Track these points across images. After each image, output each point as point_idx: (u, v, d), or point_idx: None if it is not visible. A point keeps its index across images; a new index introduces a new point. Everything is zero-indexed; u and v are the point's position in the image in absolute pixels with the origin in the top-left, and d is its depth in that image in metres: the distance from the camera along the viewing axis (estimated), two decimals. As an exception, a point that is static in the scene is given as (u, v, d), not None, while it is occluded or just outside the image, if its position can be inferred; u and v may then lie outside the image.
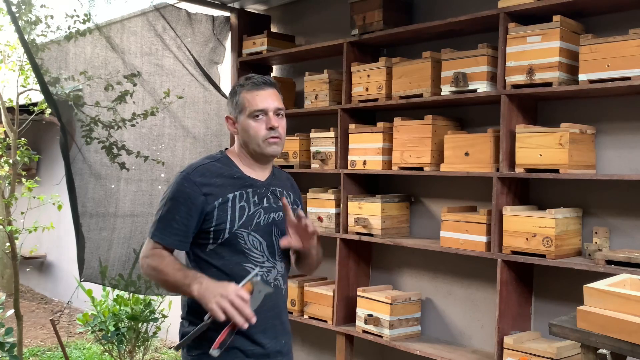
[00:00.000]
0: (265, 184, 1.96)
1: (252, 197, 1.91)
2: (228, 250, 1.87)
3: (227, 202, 1.86)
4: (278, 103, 1.94)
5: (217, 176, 1.90)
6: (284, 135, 1.96)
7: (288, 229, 1.95)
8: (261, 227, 1.90)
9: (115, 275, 3.58)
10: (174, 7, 3.79)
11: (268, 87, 1.94)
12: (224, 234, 1.86)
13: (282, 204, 1.95)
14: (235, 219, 1.87)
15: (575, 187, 2.75)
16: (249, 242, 1.88)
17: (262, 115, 1.91)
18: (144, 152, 3.61)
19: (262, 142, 1.91)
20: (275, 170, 2.07)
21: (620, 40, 2.38)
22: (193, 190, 1.85)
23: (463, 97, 2.88)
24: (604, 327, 1.67)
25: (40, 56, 3.26)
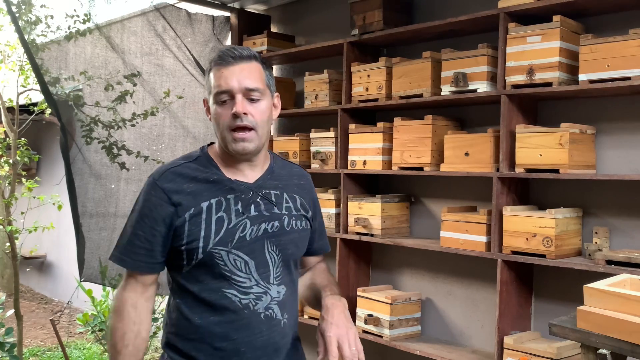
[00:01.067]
0: (253, 187, 1.57)
1: (234, 204, 1.53)
2: (205, 273, 1.52)
3: (200, 213, 1.50)
4: (250, 81, 1.50)
5: (189, 181, 1.54)
6: (262, 124, 1.52)
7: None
8: (247, 242, 1.51)
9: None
10: (174, 7, 3.79)
11: (239, 61, 1.51)
12: (197, 254, 1.49)
13: (278, 215, 1.56)
14: (211, 234, 1.49)
15: (575, 187, 2.75)
16: (229, 262, 1.50)
17: (227, 98, 1.50)
18: (144, 152, 3.61)
19: (226, 134, 1.51)
20: (276, 166, 1.67)
21: (620, 40, 2.38)
22: (160, 200, 1.51)
23: (463, 97, 2.88)
24: (604, 327, 1.67)
25: (40, 56, 3.26)
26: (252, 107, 1.51)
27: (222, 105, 1.51)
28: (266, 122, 1.55)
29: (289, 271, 1.62)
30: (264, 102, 1.54)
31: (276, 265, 1.57)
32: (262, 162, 1.63)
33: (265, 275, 1.54)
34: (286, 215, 1.60)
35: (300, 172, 1.76)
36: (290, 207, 1.63)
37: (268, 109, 1.56)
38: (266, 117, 1.55)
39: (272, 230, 1.56)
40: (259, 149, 1.56)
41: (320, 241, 1.81)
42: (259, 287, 1.53)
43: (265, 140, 1.58)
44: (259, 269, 1.53)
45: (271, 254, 1.56)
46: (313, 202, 1.72)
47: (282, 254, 1.57)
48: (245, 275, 1.52)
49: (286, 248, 1.58)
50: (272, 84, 1.60)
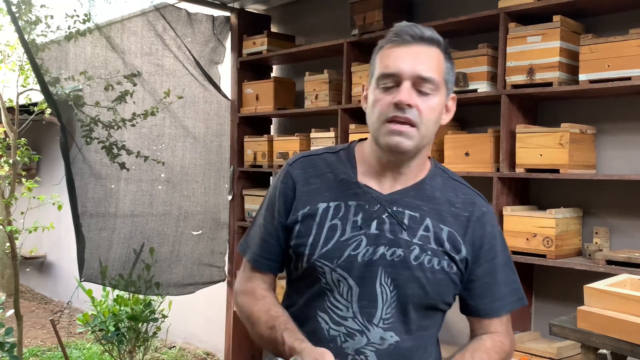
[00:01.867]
0: (385, 199, 1.27)
1: (354, 214, 1.25)
2: (307, 287, 1.28)
3: (314, 214, 1.26)
4: (426, 68, 1.21)
5: (318, 175, 1.31)
6: (427, 123, 1.22)
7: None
8: (357, 264, 1.22)
9: (115, 275, 3.58)
10: (174, 7, 3.79)
11: (418, 43, 1.23)
12: (302, 262, 1.27)
13: (406, 242, 1.23)
14: (319, 242, 1.24)
15: (575, 187, 2.74)
16: (331, 282, 1.23)
17: (392, 84, 1.22)
18: (144, 152, 3.60)
19: (379, 126, 1.24)
20: (431, 183, 1.32)
21: (620, 40, 2.38)
22: (287, 188, 1.32)
23: (463, 97, 2.87)
24: (604, 327, 1.67)
25: (40, 56, 3.26)
26: (421, 100, 1.21)
27: (384, 90, 1.23)
28: (433, 123, 1.25)
29: (407, 318, 1.24)
30: (436, 99, 1.24)
31: (387, 303, 1.22)
32: (413, 174, 1.30)
33: (368, 311, 1.22)
34: (417, 247, 1.24)
35: (469, 199, 1.33)
36: (429, 238, 1.25)
37: (439, 108, 1.25)
38: (435, 116, 1.25)
39: (392, 258, 1.23)
40: (416, 151, 1.26)
41: (485, 299, 1.33)
42: (355, 322, 1.22)
43: (426, 145, 1.28)
44: (361, 300, 1.22)
45: (383, 288, 1.23)
46: (479, 243, 1.30)
47: (398, 292, 1.23)
48: (345, 302, 1.23)
49: (405, 286, 1.23)
50: (451, 80, 1.29)
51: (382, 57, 1.26)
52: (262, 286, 1.34)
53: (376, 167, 1.30)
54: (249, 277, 1.36)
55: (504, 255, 1.35)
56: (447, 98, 1.29)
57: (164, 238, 3.77)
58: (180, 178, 3.83)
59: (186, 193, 3.85)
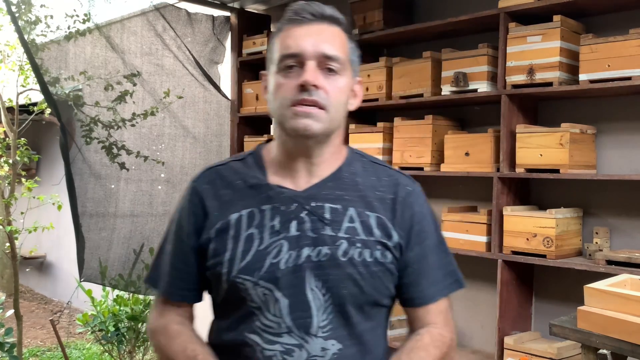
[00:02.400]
0: (299, 197, 1.15)
1: (270, 219, 1.13)
2: (233, 310, 1.15)
3: (227, 228, 1.14)
4: (330, 46, 1.12)
5: (227, 185, 1.19)
6: (336, 105, 1.13)
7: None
8: (281, 272, 1.10)
9: (115, 276, 3.58)
10: (174, 7, 3.79)
11: (319, 21, 1.14)
12: (221, 283, 1.14)
13: (331, 238, 1.12)
14: (236, 256, 1.12)
15: (575, 187, 2.74)
16: (257, 298, 1.11)
17: (295, 63, 1.12)
18: (144, 152, 3.60)
19: (285, 111, 1.12)
20: (350, 169, 1.21)
21: (620, 40, 2.38)
22: (194, 206, 1.19)
23: (463, 97, 2.87)
24: (604, 328, 1.67)
25: (40, 56, 3.26)
26: (328, 81, 1.11)
27: (286, 73, 1.12)
28: (342, 105, 1.15)
29: (348, 322, 1.13)
30: (343, 79, 1.14)
31: (322, 309, 1.11)
32: (327, 164, 1.19)
33: (303, 322, 1.10)
34: (345, 240, 1.12)
35: (393, 180, 1.22)
36: (356, 229, 1.14)
37: (347, 90, 1.16)
38: (343, 98, 1.15)
39: (318, 259, 1.11)
40: (326, 135, 1.14)
41: (417, 287, 1.20)
42: (291, 336, 1.10)
43: (336, 129, 1.17)
44: (293, 312, 1.10)
45: (315, 293, 1.11)
46: (410, 223, 1.19)
47: (331, 295, 1.11)
48: (276, 318, 1.10)
49: (338, 287, 1.11)
50: (356, 62, 1.20)
51: (282, 38, 1.14)
52: (175, 320, 1.21)
53: (287, 163, 1.18)
54: (161, 311, 1.23)
55: (435, 236, 1.23)
56: (353, 81, 1.20)
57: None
58: (180, 178, 3.82)
59: (186, 193, 3.84)
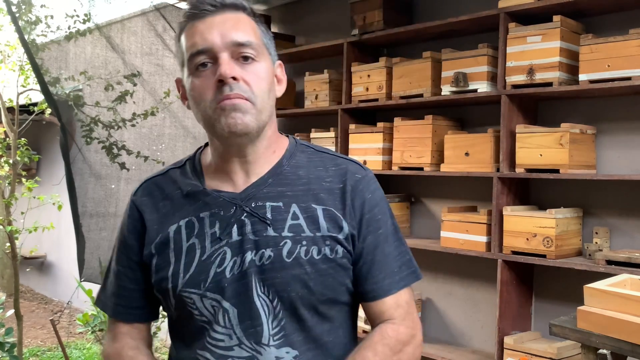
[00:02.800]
0: (240, 198, 1.09)
1: (210, 226, 1.07)
2: (185, 326, 1.10)
3: (167, 241, 1.09)
4: (239, 33, 1.05)
5: (166, 196, 1.14)
6: (260, 94, 1.05)
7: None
8: (227, 280, 1.05)
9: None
10: (174, 7, 3.79)
11: (221, 11, 1.07)
12: (169, 299, 1.09)
13: (274, 239, 1.06)
14: (180, 270, 1.06)
15: (575, 187, 2.74)
16: (205, 311, 1.06)
17: (207, 59, 1.04)
18: (144, 152, 3.60)
19: (210, 112, 1.04)
20: (291, 162, 1.14)
21: (620, 40, 2.38)
22: (133, 220, 1.15)
23: (463, 97, 2.88)
24: (604, 328, 1.67)
25: (40, 56, 3.26)
26: (245, 70, 1.04)
27: (199, 73, 1.05)
28: (267, 92, 1.07)
29: (302, 325, 1.06)
30: (262, 65, 1.07)
31: (272, 316, 1.04)
32: (264, 159, 1.12)
33: (253, 331, 1.04)
34: (289, 239, 1.06)
35: (341, 169, 1.14)
36: (300, 226, 1.07)
37: (268, 76, 1.08)
38: (266, 85, 1.07)
39: (262, 262, 1.05)
40: (259, 128, 1.07)
41: (370, 279, 1.11)
42: (242, 348, 1.04)
43: (267, 120, 1.09)
44: (243, 322, 1.04)
45: (262, 300, 1.04)
46: (360, 212, 1.11)
47: (280, 299, 1.05)
48: (225, 329, 1.04)
49: (286, 290, 1.04)
50: (271, 45, 1.14)
51: (187, 36, 1.07)
52: (129, 345, 1.15)
53: (222, 165, 1.11)
54: (114, 335, 1.17)
55: (389, 224, 1.15)
56: (274, 65, 1.13)
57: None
58: (180, 178, 3.82)
59: (186, 193, 3.85)
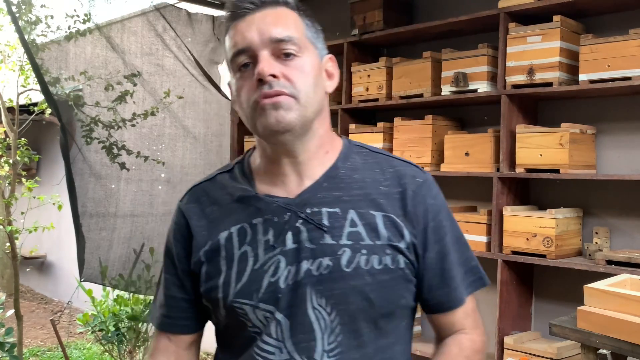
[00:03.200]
0: (292, 204, 1.02)
1: (263, 233, 1.01)
2: (235, 336, 1.04)
3: (217, 249, 1.03)
4: (279, 28, 0.99)
5: (214, 202, 1.08)
6: (305, 89, 0.99)
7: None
8: (281, 291, 0.98)
9: (116, 275, 3.58)
10: (174, 7, 3.79)
11: (261, 8, 1.01)
12: (219, 309, 1.03)
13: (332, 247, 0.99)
14: (231, 279, 1.01)
15: (575, 187, 2.74)
16: (258, 322, 1.00)
17: (248, 59, 1.00)
18: (144, 152, 3.60)
19: (252, 112, 0.99)
20: (347, 163, 1.07)
21: (620, 40, 2.38)
22: (179, 227, 1.11)
23: (463, 97, 2.88)
24: (604, 328, 1.67)
25: (40, 56, 3.26)
26: (287, 66, 0.98)
27: (242, 73, 1.01)
28: (312, 87, 1.00)
29: (360, 341, 0.99)
30: (305, 59, 1.00)
31: (328, 330, 0.98)
32: (318, 160, 1.05)
33: (306, 346, 0.97)
34: (347, 248, 0.99)
35: (399, 172, 1.07)
36: (359, 234, 1.00)
37: (313, 70, 1.01)
38: (311, 80, 1.00)
39: (319, 272, 0.98)
40: (305, 125, 1.00)
41: (442, 289, 1.07)
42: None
43: (314, 117, 1.02)
44: (295, 335, 0.98)
45: (318, 312, 0.98)
46: (424, 220, 1.05)
47: (338, 312, 0.98)
48: (277, 342, 0.98)
49: (345, 302, 0.98)
50: (318, 38, 1.06)
51: (229, 37, 1.03)
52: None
53: (272, 168, 1.05)
54: (152, 351, 1.13)
55: (453, 230, 1.09)
56: (321, 60, 1.05)
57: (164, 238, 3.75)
58: (180, 178, 3.82)
59: (186, 193, 3.84)
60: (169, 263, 1.12)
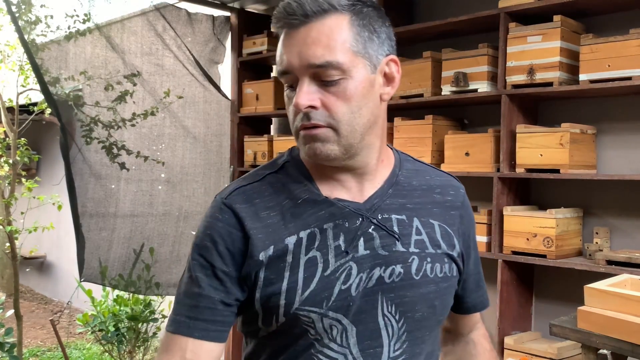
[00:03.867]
0: (365, 208, 1.00)
1: (334, 238, 0.97)
2: (287, 344, 0.98)
3: (284, 254, 0.96)
4: (317, 51, 0.93)
5: (270, 206, 1.00)
6: (344, 118, 0.94)
7: None
8: (352, 299, 0.96)
9: (115, 276, 3.58)
10: (174, 6, 3.79)
11: (305, 22, 0.94)
12: (277, 316, 0.96)
13: (403, 254, 0.99)
14: (297, 286, 0.95)
15: (575, 187, 2.74)
16: (322, 330, 0.96)
17: (291, 82, 0.98)
18: (144, 152, 3.60)
19: (295, 135, 0.99)
20: (403, 173, 1.07)
21: (621, 40, 2.38)
22: (228, 226, 0.98)
23: (463, 97, 2.87)
24: (604, 328, 1.67)
25: (40, 56, 3.26)
26: (327, 92, 0.94)
27: (288, 92, 0.99)
28: (356, 111, 0.95)
29: (423, 348, 1.01)
30: (349, 82, 0.94)
31: (395, 337, 0.98)
32: (375, 169, 1.03)
33: (372, 352, 0.96)
34: (416, 256, 1.00)
35: (446, 182, 1.11)
36: (424, 242, 1.02)
37: (358, 90, 0.95)
38: (355, 103, 0.95)
39: (391, 279, 0.98)
40: (349, 150, 0.97)
41: (477, 292, 1.17)
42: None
43: (356, 142, 0.97)
44: (362, 342, 0.96)
45: (388, 320, 0.97)
46: (466, 230, 1.10)
47: (405, 320, 0.98)
48: (340, 347, 0.96)
49: (413, 310, 0.99)
50: (372, 43, 0.98)
51: (278, 49, 0.99)
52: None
53: (329, 171, 1.01)
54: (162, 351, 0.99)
55: (476, 241, 1.18)
56: (373, 69, 0.98)
57: (164, 238, 3.77)
58: (180, 178, 3.82)
59: (186, 193, 3.85)
60: (205, 263, 0.99)
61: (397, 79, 1.04)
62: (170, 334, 0.99)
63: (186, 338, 0.97)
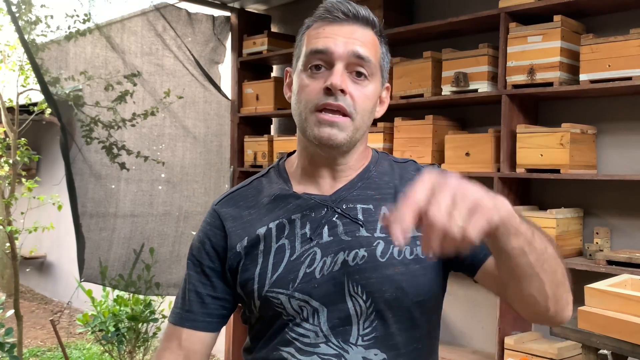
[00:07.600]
0: (329, 201, 1.09)
1: (300, 227, 1.07)
2: (267, 328, 1.09)
3: (256, 243, 1.08)
4: (362, 48, 1.04)
5: (251, 206, 1.13)
6: (363, 112, 1.06)
7: None
8: (317, 281, 1.04)
9: (115, 276, 3.58)
10: (174, 6, 3.79)
11: (353, 22, 1.06)
12: (253, 300, 1.07)
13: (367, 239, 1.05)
14: (267, 270, 1.06)
15: (576, 187, 2.74)
16: (292, 311, 1.04)
17: (322, 63, 1.05)
18: (144, 152, 3.60)
19: (308, 115, 1.06)
20: (377, 169, 1.16)
21: (621, 40, 2.38)
22: (214, 229, 1.14)
23: (464, 97, 2.87)
24: (605, 328, 1.67)
25: (40, 56, 3.26)
26: (356, 86, 1.05)
27: (312, 73, 1.05)
28: (368, 113, 1.08)
29: (393, 329, 1.04)
30: (371, 86, 1.07)
31: (364, 316, 1.03)
32: (352, 166, 1.13)
33: (342, 329, 1.03)
34: (381, 240, 1.06)
35: (422, 171, 1.09)
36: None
37: (374, 97, 1.09)
38: (370, 106, 1.08)
39: (355, 262, 1.04)
40: (350, 145, 1.09)
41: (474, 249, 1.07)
42: (328, 346, 1.02)
43: (360, 138, 1.11)
44: (331, 320, 1.03)
45: (355, 300, 1.03)
46: None
47: (374, 300, 1.03)
48: (312, 326, 1.03)
49: (380, 290, 1.03)
50: (386, 68, 1.13)
51: (311, 35, 1.08)
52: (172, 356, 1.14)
53: (310, 169, 1.12)
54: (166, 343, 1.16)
55: None
56: (382, 87, 1.13)
57: (164, 238, 3.77)
58: (180, 178, 3.83)
59: (186, 193, 3.85)
60: (196, 261, 1.15)
61: (386, 103, 1.18)
62: (169, 324, 1.17)
63: (180, 328, 1.14)
